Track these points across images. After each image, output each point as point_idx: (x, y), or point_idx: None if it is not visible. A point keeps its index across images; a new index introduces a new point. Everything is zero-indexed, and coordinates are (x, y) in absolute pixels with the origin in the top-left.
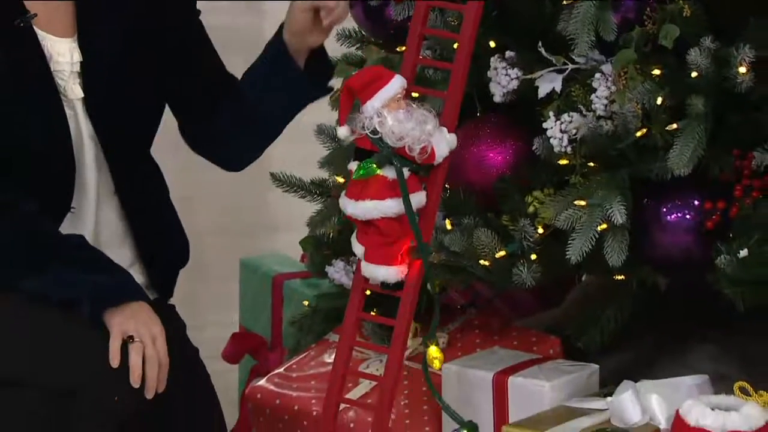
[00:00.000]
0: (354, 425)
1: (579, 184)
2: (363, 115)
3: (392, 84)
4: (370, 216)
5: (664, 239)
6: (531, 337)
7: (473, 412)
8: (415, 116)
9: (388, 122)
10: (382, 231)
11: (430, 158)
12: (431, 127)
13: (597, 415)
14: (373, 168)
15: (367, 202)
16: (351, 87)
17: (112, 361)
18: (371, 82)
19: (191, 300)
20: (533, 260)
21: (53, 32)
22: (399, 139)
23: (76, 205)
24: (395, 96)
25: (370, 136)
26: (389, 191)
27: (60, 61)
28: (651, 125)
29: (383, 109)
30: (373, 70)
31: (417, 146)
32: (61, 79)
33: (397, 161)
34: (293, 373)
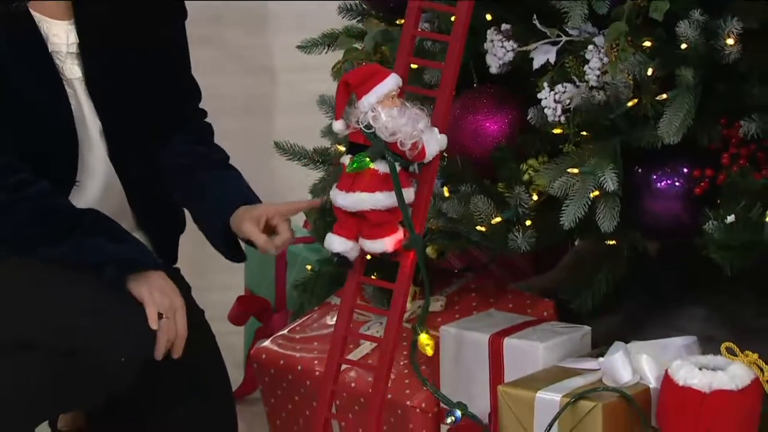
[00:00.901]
0: (355, 385)
1: (572, 152)
2: (358, 110)
3: (388, 81)
4: (360, 207)
5: (654, 206)
6: (526, 300)
7: (470, 372)
8: (408, 114)
9: (382, 117)
10: (372, 223)
11: (420, 155)
12: (423, 125)
13: (589, 375)
14: (366, 161)
15: (358, 194)
16: (348, 82)
17: (151, 324)
18: (368, 79)
19: (199, 264)
20: (528, 226)
21: (49, 15)
22: (392, 134)
23: (80, 179)
24: (390, 93)
25: (364, 131)
26: (380, 184)
27: (56, 42)
28: (642, 95)
29: (378, 105)
30: (370, 67)
31: (408, 142)
32: (59, 60)
33: (390, 156)
34: (297, 335)
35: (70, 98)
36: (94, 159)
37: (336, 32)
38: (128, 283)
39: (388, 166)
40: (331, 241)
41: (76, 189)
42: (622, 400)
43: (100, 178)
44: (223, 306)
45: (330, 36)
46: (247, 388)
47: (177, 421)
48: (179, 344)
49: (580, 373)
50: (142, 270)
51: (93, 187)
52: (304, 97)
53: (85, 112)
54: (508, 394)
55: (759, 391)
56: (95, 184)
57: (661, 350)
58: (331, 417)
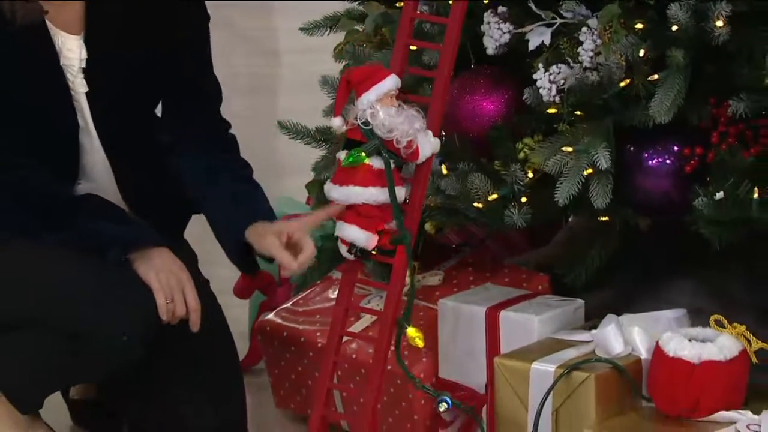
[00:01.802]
0: (356, 356)
1: (566, 131)
2: (357, 106)
3: (388, 81)
4: (353, 201)
5: (646, 183)
6: (521, 274)
7: (468, 344)
8: (405, 113)
9: (380, 114)
10: (363, 215)
11: (414, 155)
12: (419, 125)
13: (582, 346)
14: (362, 156)
15: (352, 187)
16: (349, 80)
17: (162, 316)
18: (368, 77)
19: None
20: (523, 203)
21: (62, 27)
22: (389, 132)
23: (81, 182)
24: (389, 92)
25: (362, 127)
26: (374, 180)
27: (69, 57)
28: (634, 76)
29: (377, 103)
30: (371, 66)
31: (404, 140)
32: (70, 74)
33: (386, 152)
34: (299, 308)
35: (77, 111)
36: (95, 166)
37: (337, 15)
38: (134, 264)
39: (382, 163)
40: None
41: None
42: (614, 370)
43: (101, 182)
44: (229, 280)
45: (332, 18)
46: (252, 359)
47: (186, 390)
48: (195, 318)
49: (574, 345)
50: (144, 248)
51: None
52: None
53: (89, 125)
54: (504, 366)
55: (746, 362)
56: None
57: (652, 323)
58: (332, 387)
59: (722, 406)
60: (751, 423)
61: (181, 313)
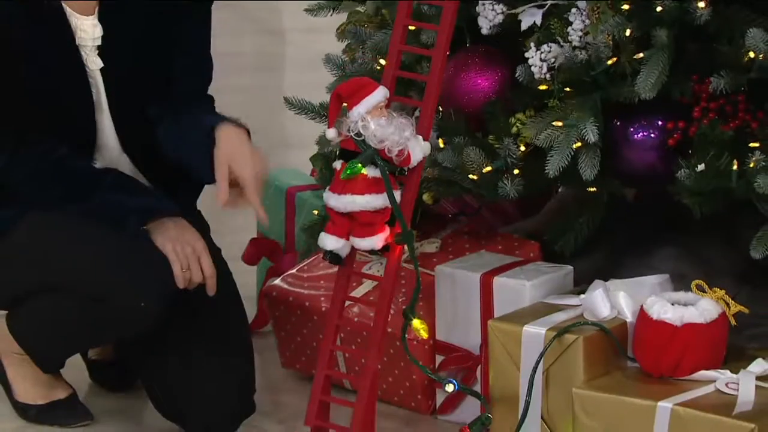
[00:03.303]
0: (358, 319)
1: (556, 107)
2: (349, 119)
3: (377, 93)
4: (351, 209)
5: (632, 155)
6: (513, 242)
7: (463, 308)
8: (395, 123)
9: (371, 126)
10: (359, 220)
11: (406, 161)
12: (409, 133)
13: (571, 310)
14: (359, 168)
15: (349, 196)
16: (340, 93)
17: (178, 284)
18: (358, 90)
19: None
20: (516, 174)
21: (78, 10)
22: (380, 142)
23: (96, 158)
24: (379, 104)
25: (355, 138)
26: (370, 188)
27: (83, 36)
28: (620, 54)
29: (367, 115)
30: (360, 79)
31: (395, 149)
32: (84, 52)
33: (380, 161)
34: (304, 274)
35: (92, 87)
36: (107, 141)
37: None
38: (151, 234)
39: (377, 171)
40: (324, 239)
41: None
42: (601, 333)
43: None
44: (237, 247)
45: (335, 0)
46: (259, 323)
47: (198, 351)
48: (210, 283)
49: (563, 309)
50: (161, 217)
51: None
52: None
53: (102, 101)
54: (498, 328)
55: (725, 324)
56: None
57: (637, 288)
58: (335, 349)
59: (703, 365)
60: (730, 381)
61: (197, 280)
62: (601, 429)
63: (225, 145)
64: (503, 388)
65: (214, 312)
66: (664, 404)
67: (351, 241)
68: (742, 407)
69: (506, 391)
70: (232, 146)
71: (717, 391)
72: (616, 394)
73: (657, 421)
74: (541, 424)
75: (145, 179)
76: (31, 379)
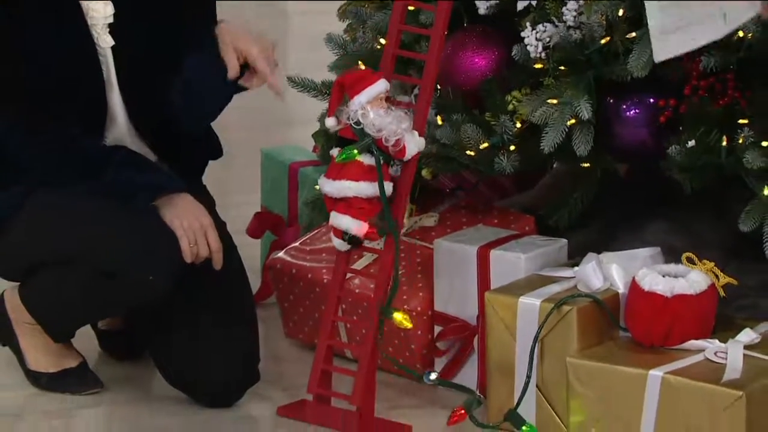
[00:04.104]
0: (359, 291)
1: (551, 85)
2: (349, 108)
3: (378, 84)
4: (344, 194)
5: (624, 132)
6: (509, 216)
7: (460, 280)
8: (393, 114)
9: (370, 115)
10: (353, 207)
11: (401, 153)
12: (406, 126)
13: (565, 282)
14: (354, 153)
15: (344, 182)
16: (342, 83)
17: (186, 259)
18: (359, 81)
19: (220, 184)
20: (512, 151)
21: None
22: (378, 131)
23: (107, 134)
24: (379, 95)
25: (353, 126)
26: (364, 175)
27: (94, 15)
28: (613, 34)
29: (368, 105)
30: (362, 71)
31: (392, 138)
32: (95, 32)
33: (376, 150)
34: (307, 247)
35: (102, 65)
36: (116, 118)
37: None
38: (160, 209)
39: (373, 159)
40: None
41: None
42: (594, 304)
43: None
44: (242, 221)
45: None
46: (263, 294)
47: (204, 323)
48: (217, 258)
49: (558, 281)
50: (169, 194)
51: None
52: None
53: (112, 78)
54: (494, 299)
55: (714, 295)
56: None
57: (629, 260)
58: (337, 319)
59: (692, 335)
60: (719, 350)
61: (204, 255)
62: (595, 397)
63: (226, 33)
64: (499, 357)
65: (219, 284)
66: (655, 372)
67: (331, 215)
68: (730, 375)
69: (502, 359)
70: (234, 32)
71: (706, 360)
72: (609, 363)
73: (648, 388)
74: (536, 393)
75: (154, 156)
76: (43, 348)
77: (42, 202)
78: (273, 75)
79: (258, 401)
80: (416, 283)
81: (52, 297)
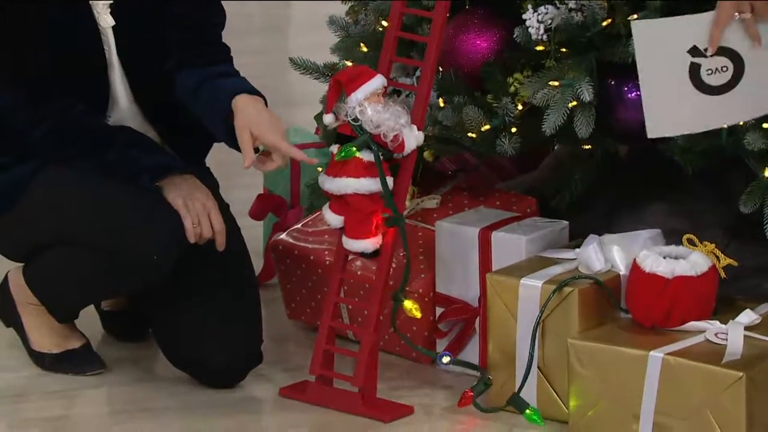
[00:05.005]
0: (361, 273)
1: (553, 67)
2: (347, 104)
3: (375, 81)
4: (344, 191)
5: (626, 114)
6: (511, 198)
7: (462, 262)
8: (391, 110)
9: (368, 112)
10: (353, 205)
11: (400, 147)
12: (404, 121)
13: (567, 264)
14: (353, 151)
15: (344, 179)
16: (339, 80)
17: (189, 239)
18: (357, 77)
19: (223, 166)
20: (514, 132)
21: None
22: (376, 127)
23: (110, 114)
24: (376, 91)
25: (352, 123)
26: (364, 171)
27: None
28: (615, 16)
29: (365, 101)
30: (359, 67)
31: (391, 134)
32: (96, 11)
33: (375, 146)
34: (309, 228)
35: (104, 45)
36: (119, 99)
37: None
38: (163, 190)
39: (372, 156)
40: (330, 217)
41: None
42: (595, 285)
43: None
44: (245, 203)
45: None
46: (266, 276)
47: (207, 304)
48: (220, 239)
49: (559, 263)
50: (173, 175)
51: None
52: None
53: (114, 58)
54: (496, 281)
55: (715, 276)
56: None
57: (630, 242)
58: (339, 301)
59: (693, 316)
60: (719, 331)
61: (207, 235)
62: (595, 378)
63: (242, 116)
64: (501, 339)
65: (222, 266)
66: (656, 354)
67: (343, 242)
68: (730, 356)
69: (503, 341)
70: (249, 115)
71: (707, 341)
72: (610, 344)
73: (649, 369)
74: (538, 374)
75: (157, 135)
76: (47, 329)
77: (47, 182)
78: (295, 151)
79: (260, 382)
80: (418, 265)
81: (56, 277)
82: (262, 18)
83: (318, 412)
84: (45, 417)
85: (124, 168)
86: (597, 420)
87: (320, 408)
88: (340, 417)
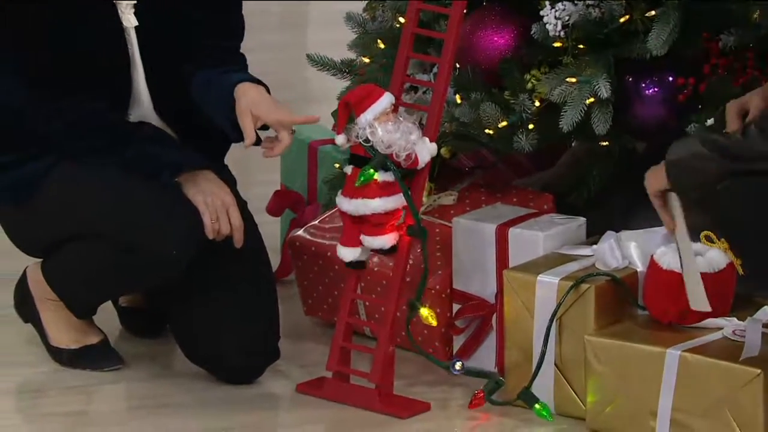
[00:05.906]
0: (378, 269)
1: (570, 63)
2: (357, 126)
3: (382, 100)
4: (363, 212)
5: (643, 110)
6: (528, 194)
7: (479, 258)
8: (401, 128)
9: (379, 132)
10: (372, 221)
11: (413, 164)
12: (415, 137)
13: (584, 260)
14: (371, 173)
15: (361, 200)
16: (347, 102)
17: (208, 235)
18: (365, 98)
19: (241, 162)
20: (531, 129)
21: None
22: (388, 147)
23: (131, 112)
24: (385, 110)
25: (363, 144)
26: (380, 191)
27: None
28: (633, 12)
29: (375, 122)
30: (366, 87)
31: (403, 153)
32: (120, 11)
33: (390, 165)
34: (326, 225)
35: (127, 44)
36: (139, 97)
37: None
38: (183, 186)
39: (387, 175)
40: (343, 253)
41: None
42: (612, 282)
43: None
44: (262, 199)
45: None
46: (283, 272)
47: (224, 300)
48: (238, 236)
49: (576, 259)
50: (192, 172)
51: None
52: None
53: (136, 58)
54: (513, 278)
55: (733, 273)
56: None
57: (647, 238)
58: (356, 297)
59: (711, 313)
60: (737, 329)
61: (225, 232)
62: (612, 375)
63: (244, 98)
64: (517, 335)
65: (240, 262)
66: (673, 351)
67: (362, 240)
68: (748, 353)
69: (520, 337)
70: (251, 98)
71: (724, 338)
72: (627, 341)
73: (666, 366)
74: (555, 371)
75: (176, 135)
76: (65, 325)
77: (65, 177)
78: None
79: (277, 378)
80: (435, 260)
81: (75, 272)
82: (280, 14)
83: (335, 408)
84: (63, 412)
85: (143, 164)
86: (614, 417)
87: (337, 404)
88: (357, 413)
